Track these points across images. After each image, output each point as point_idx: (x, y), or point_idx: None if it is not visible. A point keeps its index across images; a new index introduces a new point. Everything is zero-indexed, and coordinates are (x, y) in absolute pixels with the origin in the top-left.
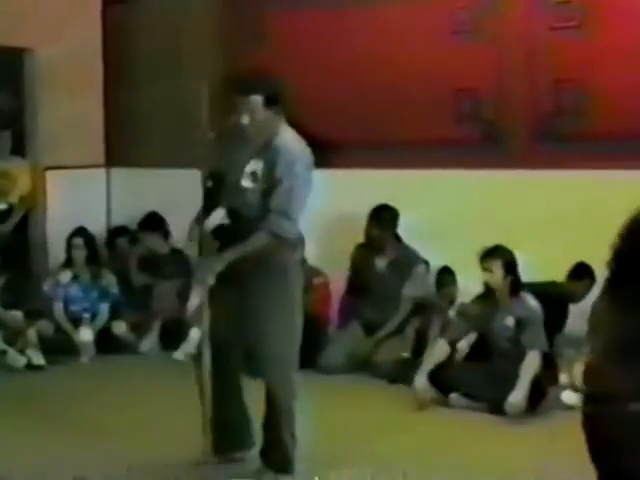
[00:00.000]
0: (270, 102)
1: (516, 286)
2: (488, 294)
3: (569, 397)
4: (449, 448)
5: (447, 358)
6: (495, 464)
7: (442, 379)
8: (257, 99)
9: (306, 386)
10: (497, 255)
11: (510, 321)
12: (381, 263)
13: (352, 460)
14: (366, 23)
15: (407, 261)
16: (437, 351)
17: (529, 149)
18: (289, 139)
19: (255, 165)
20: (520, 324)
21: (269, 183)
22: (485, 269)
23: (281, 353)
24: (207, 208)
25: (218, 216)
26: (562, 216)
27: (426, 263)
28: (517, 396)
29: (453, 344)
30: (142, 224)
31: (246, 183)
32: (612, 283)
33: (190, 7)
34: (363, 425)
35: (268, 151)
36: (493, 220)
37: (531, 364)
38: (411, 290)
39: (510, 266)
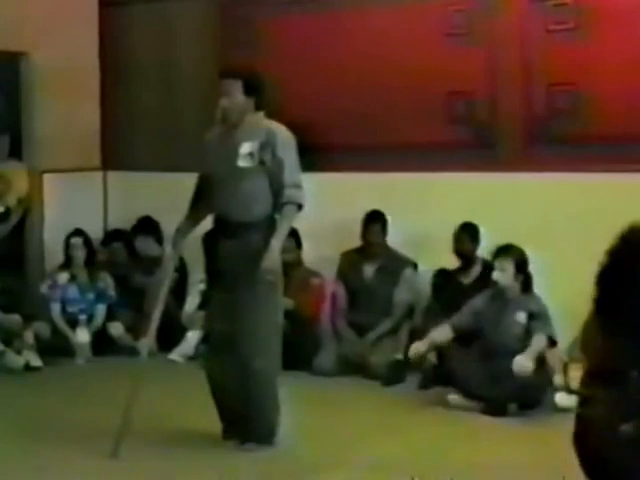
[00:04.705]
0: (249, 90)
1: (527, 284)
2: (497, 292)
3: (563, 399)
4: (444, 450)
5: (448, 349)
6: (489, 465)
7: (444, 375)
8: (236, 83)
9: (300, 388)
10: (509, 254)
11: (521, 316)
12: (370, 268)
13: (346, 462)
14: (359, 26)
15: (395, 266)
16: (439, 331)
17: (523, 152)
18: (276, 124)
19: (250, 147)
20: (532, 317)
21: (272, 164)
22: (497, 267)
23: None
24: (193, 211)
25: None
26: (556, 219)
27: (414, 265)
28: (525, 357)
29: (456, 331)
30: (135, 228)
31: (243, 163)
32: (598, 303)
33: (185, 11)
34: (357, 427)
35: (260, 134)
36: (487, 223)
37: (539, 341)
38: (402, 294)
39: (521, 265)
